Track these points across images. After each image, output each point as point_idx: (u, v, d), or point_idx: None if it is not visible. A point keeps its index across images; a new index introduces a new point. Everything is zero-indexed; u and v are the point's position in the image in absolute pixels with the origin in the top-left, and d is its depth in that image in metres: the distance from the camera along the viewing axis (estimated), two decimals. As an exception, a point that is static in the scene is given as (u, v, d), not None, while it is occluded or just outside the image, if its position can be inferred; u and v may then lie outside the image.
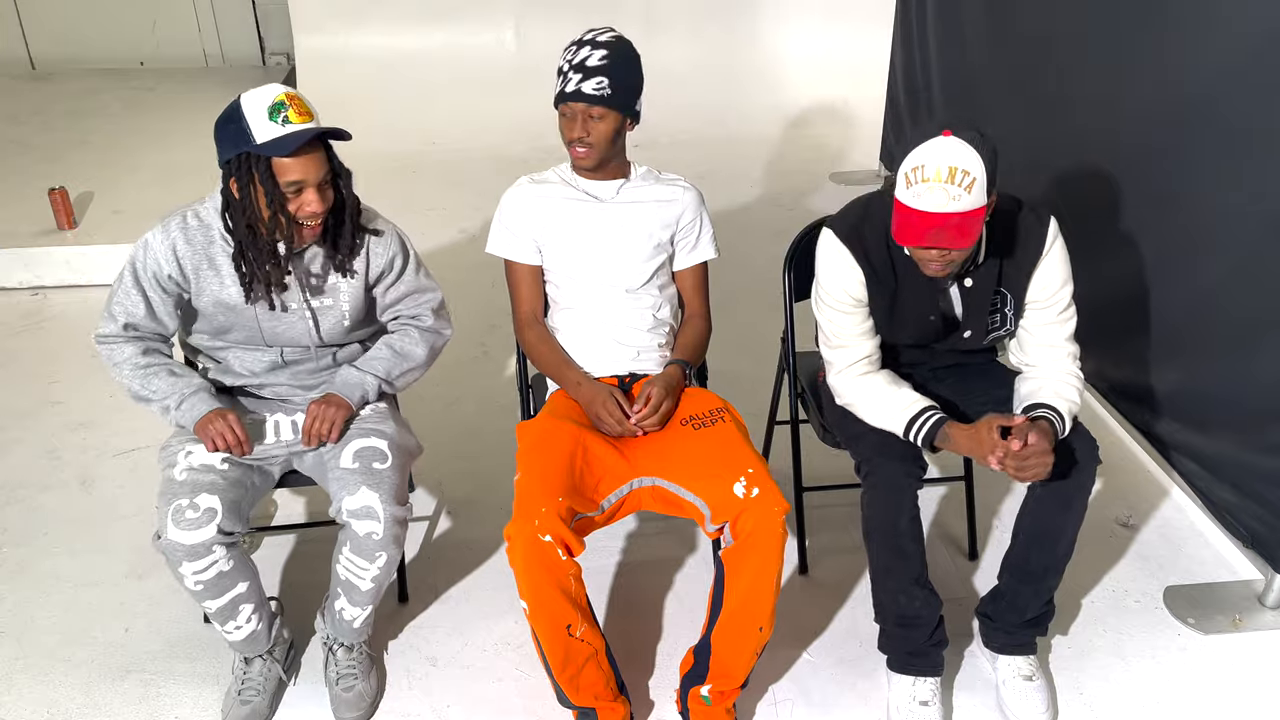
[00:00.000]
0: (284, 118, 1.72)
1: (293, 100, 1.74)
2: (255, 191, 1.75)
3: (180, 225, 1.85)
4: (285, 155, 1.72)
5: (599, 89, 1.94)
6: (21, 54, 6.07)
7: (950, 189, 1.64)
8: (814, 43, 5.62)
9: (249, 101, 1.73)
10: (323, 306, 1.94)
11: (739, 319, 3.35)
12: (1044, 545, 1.93)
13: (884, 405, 1.92)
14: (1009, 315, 1.95)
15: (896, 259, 1.91)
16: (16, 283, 3.75)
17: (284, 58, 6.12)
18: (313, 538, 2.45)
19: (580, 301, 2.09)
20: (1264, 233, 2.20)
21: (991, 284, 1.91)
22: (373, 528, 1.81)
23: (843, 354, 1.97)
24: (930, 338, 1.99)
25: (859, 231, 1.91)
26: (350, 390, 1.97)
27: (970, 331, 1.96)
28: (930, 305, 1.93)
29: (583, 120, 1.96)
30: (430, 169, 4.90)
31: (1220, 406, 2.42)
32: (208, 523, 1.75)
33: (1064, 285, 1.91)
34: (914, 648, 1.96)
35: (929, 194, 1.65)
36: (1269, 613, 2.25)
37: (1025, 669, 1.99)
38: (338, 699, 1.97)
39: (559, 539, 1.72)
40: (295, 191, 1.75)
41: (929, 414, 1.87)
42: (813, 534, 2.45)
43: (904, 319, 1.95)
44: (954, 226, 1.65)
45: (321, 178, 1.78)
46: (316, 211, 1.78)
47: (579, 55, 1.95)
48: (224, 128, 1.75)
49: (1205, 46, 2.36)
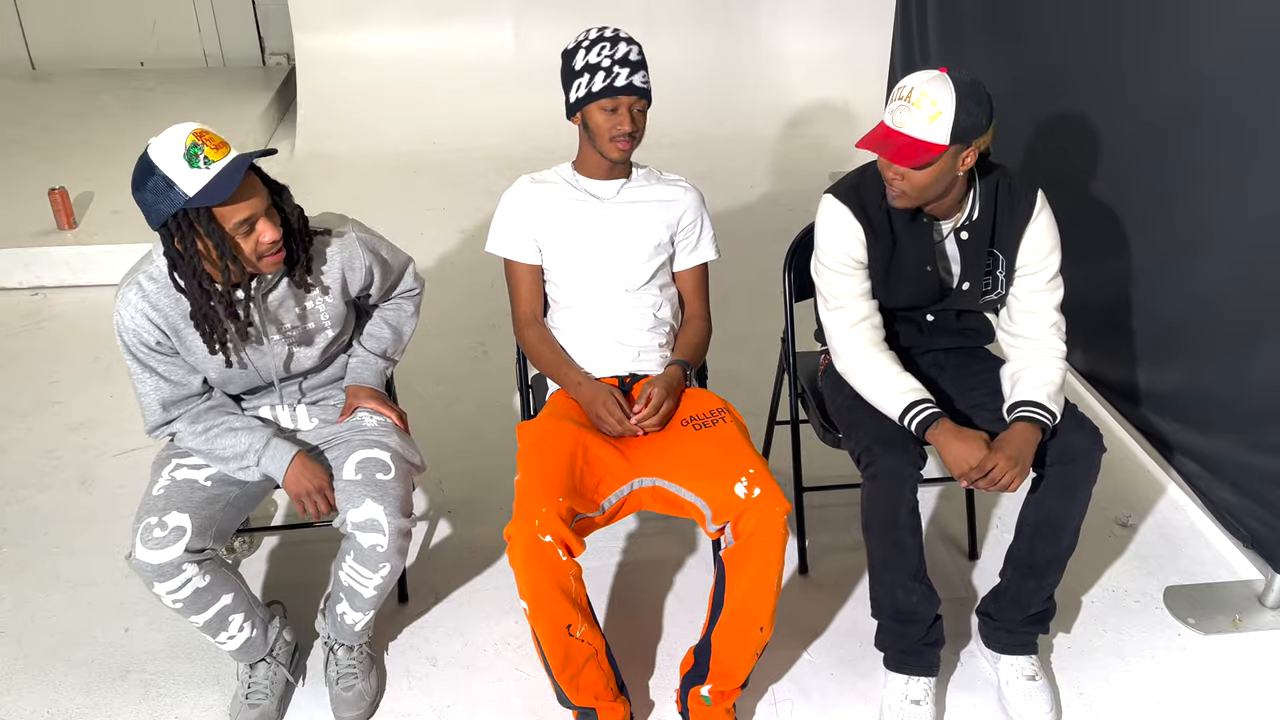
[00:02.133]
0: (204, 159, 1.58)
1: (202, 137, 1.60)
2: (204, 245, 1.64)
3: (139, 294, 1.73)
4: (225, 201, 1.60)
5: (645, 83, 1.97)
6: (21, 54, 6.07)
7: (911, 110, 1.76)
8: (814, 43, 5.61)
9: (160, 156, 1.59)
10: (307, 330, 1.90)
11: (739, 319, 3.34)
12: (1048, 536, 1.93)
13: (884, 384, 1.94)
14: (1000, 279, 1.99)
15: (894, 217, 1.96)
16: (16, 283, 3.75)
17: (284, 58, 6.12)
18: (313, 538, 2.45)
19: (580, 301, 2.08)
20: (1264, 233, 2.20)
21: (985, 241, 1.96)
22: (377, 540, 1.80)
23: (843, 315, 2.00)
24: (928, 294, 2.01)
25: (856, 191, 1.97)
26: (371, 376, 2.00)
27: (968, 283, 1.99)
28: (928, 256, 1.97)
29: (632, 113, 1.96)
30: (430, 169, 4.90)
31: (1220, 406, 2.42)
32: (174, 541, 1.72)
33: (1052, 252, 1.96)
34: (908, 645, 1.96)
35: (896, 111, 1.80)
36: (1269, 613, 2.25)
37: (1028, 669, 1.99)
38: (338, 698, 1.97)
39: (559, 539, 1.72)
40: (247, 230, 1.65)
41: (926, 406, 1.89)
42: (813, 534, 2.45)
43: (902, 275, 1.98)
44: (897, 145, 1.78)
45: (267, 205, 1.68)
46: (275, 239, 1.68)
47: (618, 50, 1.94)
48: (146, 190, 1.60)
49: (1205, 46, 2.36)
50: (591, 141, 2.01)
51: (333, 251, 1.87)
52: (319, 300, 1.88)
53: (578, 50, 1.97)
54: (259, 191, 1.67)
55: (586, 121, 1.99)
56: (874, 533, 1.92)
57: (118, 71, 6.05)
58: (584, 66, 1.95)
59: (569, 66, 1.99)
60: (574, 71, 1.97)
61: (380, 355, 2.03)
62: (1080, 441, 1.89)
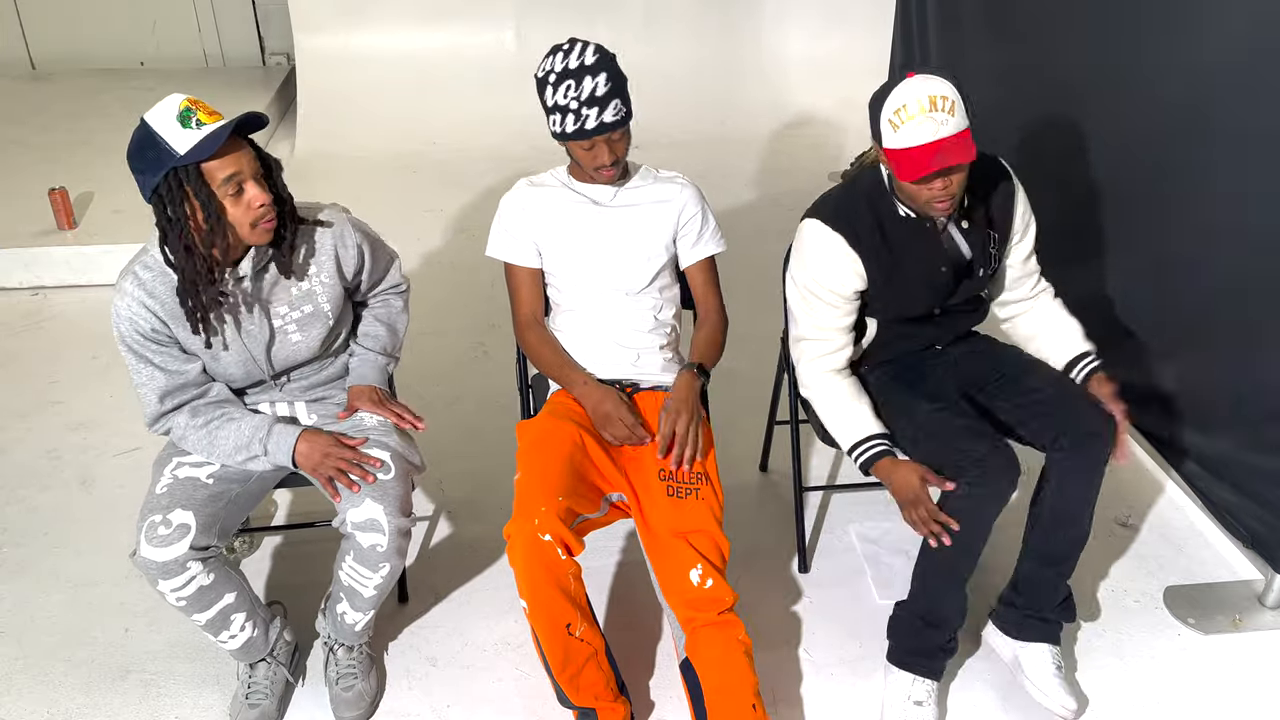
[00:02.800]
0: (196, 120, 1.63)
1: (196, 104, 1.65)
2: (191, 207, 1.66)
3: (135, 283, 1.75)
4: (212, 156, 1.63)
5: (617, 114, 1.91)
6: (21, 54, 6.06)
7: (936, 115, 1.71)
8: (814, 43, 5.61)
9: (156, 119, 1.64)
10: (305, 316, 1.90)
11: (739, 319, 3.32)
12: (1069, 520, 1.94)
13: (845, 414, 1.98)
14: (995, 254, 2.01)
15: (888, 232, 1.93)
16: (16, 283, 3.75)
17: (284, 58, 6.12)
18: (313, 538, 2.44)
19: (581, 304, 2.08)
20: (1264, 233, 2.20)
21: (984, 223, 1.97)
22: (377, 540, 1.80)
23: (818, 345, 2.00)
24: (943, 293, 2.00)
25: (847, 218, 1.92)
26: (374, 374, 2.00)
27: (982, 270, 1.99)
28: (939, 257, 1.95)
29: (609, 146, 1.95)
30: (430, 169, 4.90)
31: (1220, 406, 2.41)
32: (179, 539, 1.73)
33: (1031, 215, 2.05)
34: (925, 647, 1.95)
35: (918, 128, 1.72)
36: (1269, 613, 2.25)
37: (1058, 659, 2.00)
38: (338, 698, 1.97)
39: (558, 538, 1.71)
40: (236, 191, 1.67)
41: (877, 443, 1.94)
42: (813, 534, 2.45)
43: (910, 286, 1.96)
44: (952, 145, 1.72)
45: (256, 170, 1.70)
46: (265, 202, 1.69)
47: (583, 88, 1.89)
48: (142, 155, 1.65)
49: (1205, 46, 2.36)
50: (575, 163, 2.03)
51: (323, 233, 1.89)
52: (315, 280, 1.89)
53: (545, 85, 1.93)
54: (247, 154, 1.69)
55: (567, 149, 2.00)
56: (957, 537, 1.85)
57: (118, 71, 6.04)
58: (553, 105, 1.92)
59: (540, 96, 1.96)
60: (546, 105, 1.95)
61: (380, 352, 2.03)
62: (1099, 426, 1.90)
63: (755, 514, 2.55)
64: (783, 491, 2.62)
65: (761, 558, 2.40)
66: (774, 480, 2.69)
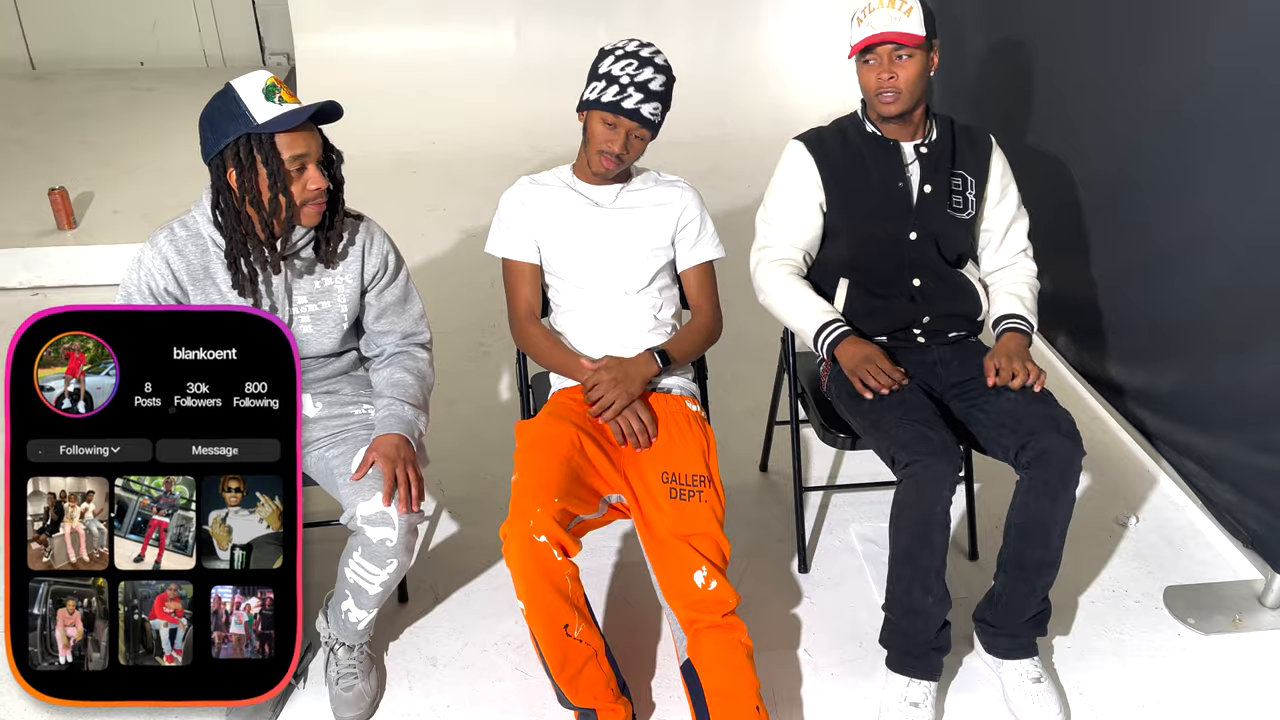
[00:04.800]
0: (279, 98, 1.73)
1: (281, 84, 1.75)
2: (257, 175, 1.73)
3: (169, 238, 1.81)
4: (289, 129, 1.71)
5: (654, 114, 1.96)
6: (21, 54, 6.07)
7: (892, 11, 1.97)
8: (814, 43, 5.61)
9: (242, 86, 1.73)
10: (321, 310, 1.93)
11: (738, 319, 3.33)
12: (1035, 539, 1.93)
13: (803, 306, 2.10)
14: (970, 199, 2.13)
15: (851, 140, 2.13)
16: (16, 283, 3.75)
17: (284, 58, 6.12)
18: (313, 538, 2.44)
19: (581, 304, 2.08)
20: (1263, 233, 2.20)
21: (948, 161, 2.12)
22: (386, 534, 1.80)
23: (774, 252, 2.15)
24: (898, 207, 2.10)
25: (816, 132, 2.17)
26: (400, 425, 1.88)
27: (929, 186, 2.10)
28: (898, 173, 2.10)
29: (627, 137, 1.96)
30: (430, 169, 4.90)
31: (1220, 406, 2.41)
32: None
33: (1013, 179, 2.18)
34: (915, 646, 1.95)
35: (876, 17, 1.98)
36: (1269, 613, 2.25)
37: (1032, 671, 1.99)
38: (338, 698, 1.97)
39: (554, 540, 1.71)
40: (299, 169, 1.75)
41: (839, 324, 2.06)
42: (813, 534, 2.45)
43: (867, 198, 2.10)
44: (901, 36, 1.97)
45: (320, 155, 1.79)
46: (321, 187, 1.78)
47: (643, 74, 1.93)
48: (219, 115, 1.73)
49: (1204, 46, 2.36)
50: (584, 145, 2.02)
51: (354, 233, 1.94)
52: (339, 279, 1.92)
53: (609, 54, 1.97)
54: (317, 140, 1.78)
55: (587, 123, 2.00)
56: (904, 523, 1.90)
57: (118, 71, 6.04)
58: (605, 73, 1.95)
59: (595, 65, 1.99)
60: (596, 73, 1.98)
61: (408, 402, 1.94)
62: (1056, 444, 1.88)
63: (755, 514, 2.55)
64: (783, 491, 2.62)
65: (762, 558, 2.40)
66: (774, 480, 2.69)
